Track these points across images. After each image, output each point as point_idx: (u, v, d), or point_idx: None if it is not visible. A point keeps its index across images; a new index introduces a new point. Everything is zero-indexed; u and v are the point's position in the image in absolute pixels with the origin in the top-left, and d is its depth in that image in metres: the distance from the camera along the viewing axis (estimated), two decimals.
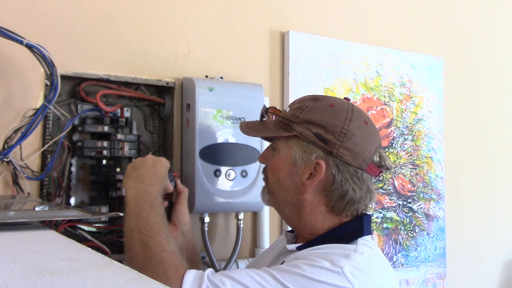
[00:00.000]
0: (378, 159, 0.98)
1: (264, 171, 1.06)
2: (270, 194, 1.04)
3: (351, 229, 0.98)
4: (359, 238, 0.96)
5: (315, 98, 1.01)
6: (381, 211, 1.73)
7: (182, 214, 1.18)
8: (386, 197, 1.74)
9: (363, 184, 0.97)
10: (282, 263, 0.92)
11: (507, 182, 2.12)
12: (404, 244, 1.77)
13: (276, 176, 1.01)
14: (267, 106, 1.09)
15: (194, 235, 1.24)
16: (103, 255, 0.62)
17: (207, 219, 1.33)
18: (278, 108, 1.07)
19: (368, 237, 0.99)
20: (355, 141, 0.95)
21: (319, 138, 0.95)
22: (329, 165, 0.95)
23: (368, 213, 1.03)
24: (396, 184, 1.77)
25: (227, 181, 1.32)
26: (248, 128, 1.07)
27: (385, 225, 1.73)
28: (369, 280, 0.89)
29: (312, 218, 0.98)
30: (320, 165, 0.95)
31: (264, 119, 1.06)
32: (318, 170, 0.95)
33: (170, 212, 1.18)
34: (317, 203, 0.98)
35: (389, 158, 1.04)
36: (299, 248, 0.97)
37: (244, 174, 1.34)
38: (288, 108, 1.02)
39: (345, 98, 1.04)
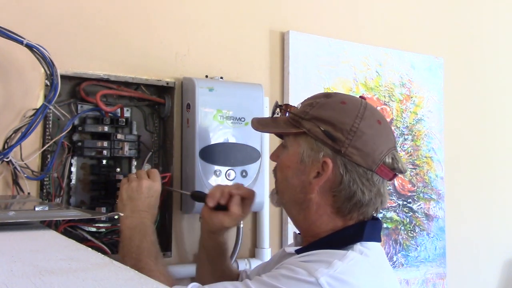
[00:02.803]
0: (390, 161, 0.93)
1: (275, 170, 1.04)
2: (279, 194, 1.01)
3: (351, 233, 0.93)
4: (358, 244, 0.91)
5: (327, 95, 0.99)
6: (381, 211, 1.72)
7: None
8: None
9: (373, 186, 0.92)
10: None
11: (507, 182, 2.12)
12: (404, 244, 1.77)
13: (284, 174, 0.99)
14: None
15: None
16: (103, 255, 0.62)
17: None
18: (291, 104, 1.04)
19: (370, 244, 0.92)
20: (365, 140, 0.91)
21: (327, 135, 0.91)
22: (336, 164, 0.91)
23: (376, 218, 0.98)
24: (396, 184, 1.77)
25: (227, 181, 1.32)
26: (258, 123, 1.06)
27: (385, 225, 1.73)
28: None
29: (317, 219, 0.95)
30: (327, 163, 0.91)
31: (276, 115, 1.04)
32: (325, 169, 0.92)
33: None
34: (323, 203, 0.94)
35: (403, 161, 1.00)
36: (297, 252, 0.94)
37: (244, 174, 1.34)
38: (300, 105, 1.00)
39: (360, 96, 1.00)
